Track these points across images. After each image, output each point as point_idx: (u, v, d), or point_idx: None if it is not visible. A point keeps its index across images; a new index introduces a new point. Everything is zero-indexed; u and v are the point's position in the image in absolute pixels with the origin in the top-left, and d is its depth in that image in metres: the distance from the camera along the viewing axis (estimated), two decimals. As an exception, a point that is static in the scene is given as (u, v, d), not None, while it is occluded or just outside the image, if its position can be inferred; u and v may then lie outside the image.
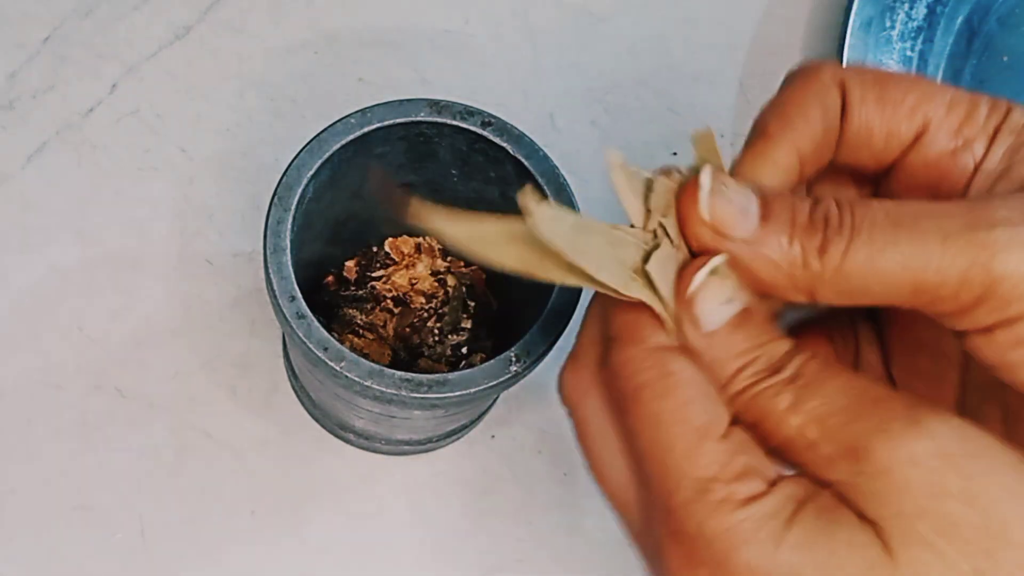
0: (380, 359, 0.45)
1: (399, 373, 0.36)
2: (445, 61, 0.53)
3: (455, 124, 0.39)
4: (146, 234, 0.49)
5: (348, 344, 0.44)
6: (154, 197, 0.50)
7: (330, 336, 0.36)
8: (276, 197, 0.38)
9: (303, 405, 0.47)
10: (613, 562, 0.47)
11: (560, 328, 0.38)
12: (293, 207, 0.38)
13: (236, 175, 0.50)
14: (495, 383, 0.37)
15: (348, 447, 0.47)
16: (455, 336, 0.46)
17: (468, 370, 0.37)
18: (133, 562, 0.45)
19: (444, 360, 0.45)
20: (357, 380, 0.36)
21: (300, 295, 0.37)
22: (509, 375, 0.37)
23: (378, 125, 0.39)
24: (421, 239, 0.47)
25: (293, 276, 0.37)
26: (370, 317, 0.46)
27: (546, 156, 0.39)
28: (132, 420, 0.47)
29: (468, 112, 0.39)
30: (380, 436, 0.46)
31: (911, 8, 0.53)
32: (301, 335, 0.36)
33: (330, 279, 0.46)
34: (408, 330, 0.45)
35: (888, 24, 0.53)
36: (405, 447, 0.47)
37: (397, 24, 0.53)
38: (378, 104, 0.39)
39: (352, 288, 0.46)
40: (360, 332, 0.45)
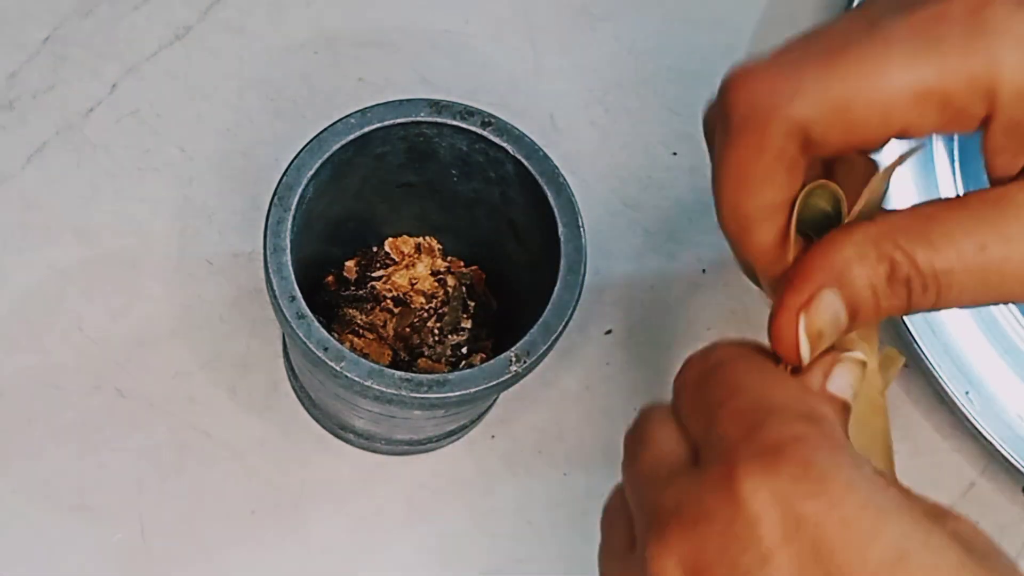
0: (380, 359, 0.44)
1: (399, 373, 0.36)
2: (445, 61, 0.53)
3: (455, 124, 0.39)
4: (146, 234, 0.49)
5: (348, 344, 0.44)
6: (154, 197, 0.49)
7: (330, 336, 0.36)
8: (276, 197, 0.38)
9: (303, 405, 0.47)
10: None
11: (560, 328, 0.38)
12: (293, 207, 0.38)
13: (236, 175, 0.50)
14: (495, 383, 0.37)
15: (348, 447, 0.47)
16: (455, 336, 0.46)
17: (468, 370, 0.37)
18: (133, 562, 0.45)
19: (444, 360, 0.45)
20: (357, 380, 0.36)
21: (300, 295, 0.37)
22: (509, 375, 0.37)
23: (378, 125, 0.39)
24: (421, 239, 0.47)
25: (293, 276, 0.37)
26: (370, 317, 0.46)
27: (546, 156, 0.39)
28: (132, 420, 0.47)
29: (468, 112, 0.39)
30: (380, 436, 0.46)
31: (911, 8, 0.53)
32: (301, 335, 0.36)
33: (330, 279, 0.46)
34: (408, 330, 0.45)
35: (888, 24, 0.53)
36: (405, 447, 0.47)
37: (397, 24, 0.53)
38: (378, 104, 0.39)
39: (352, 288, 0.46)
40: (360, 332, 0.45)
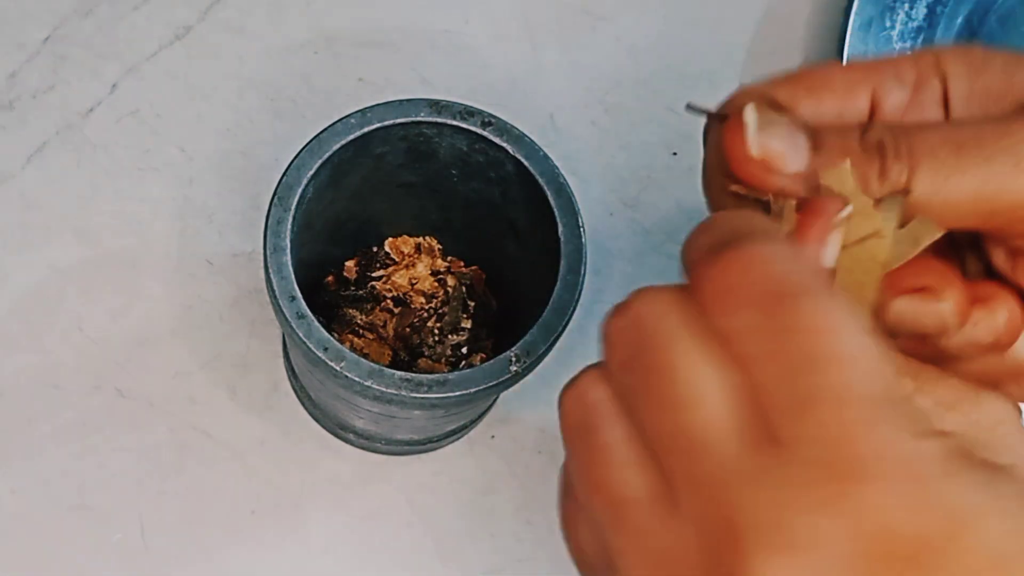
0: (380, 359, 0.45)
1: (399, 373, 0.36)
2: (445, 61, 0.53)
3: (455, 124, 0.39)
4: (146, 234, 0.49)
5: (348, 344, 0.44)
6: (154, 197, 0.49)
7: (330, 336, 0.36)
8: (276, 197, 0.38)
9: (303, 405, 0.47)
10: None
11: (560, 328, 0.38)
12: (293, 207, 0.38)
13: (236, 175, 0.50)
14: (495, 383, 0.37)
15: (348, 447, 0.47)
16: (455, 336, 0.46)
17: (468, 370, 0.37)
18: (133, 562, 0.45)
19: (444, 360, 0.45)
20: (357, 380, 0.36)
21: (300, 295, 0.37)
22: (509, 375, 0.37)
23: (378, 125, 0.39)
24: (421, 239, 0.47)
25: (293, 276, 0.37)
26: (370, 317, 0.46)
27: (546, 156, 0.39)
28: (132, 420, 0.47)
29: (468, 112, 0.39)
30: (380, 436, 0.46)
31: (911, 8, 0.53)
32: (301, 335, 0.36)
33: (330, 279, 0.46)
34: (408, 330, 0.45)
35: (888, 24, 0.53)
36: (405, 447, 0.47)
37: (397, 24, 0.53)
38: (378, 104, 0.39)
39: (352, 288, 0.46)
40: (360, 332, 0.45)
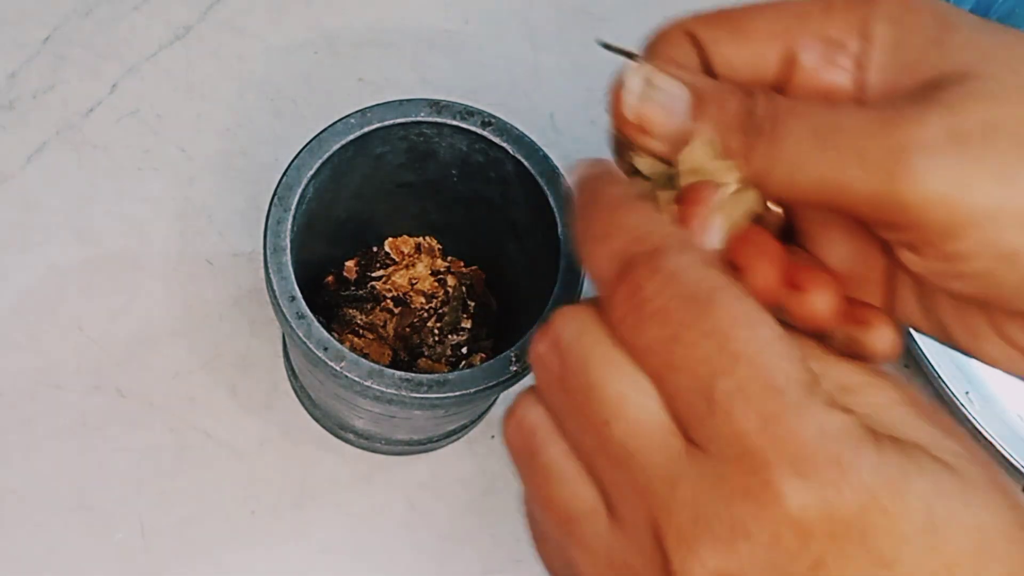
0: (380, 359, 0.45)
1: (399, 373, 0.36)
2: (445, 61, 0.53)
3: (455, 124, 0.39)
4: (146, 234, 0.49)
5: (348, 344, 0.44)
6: (154, 197, 0.50)
7: (330, 336, 0.36)
8: (276, 197, 0.38)
9: (303, 405, 0.47)
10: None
11: (560, 328, 0.38)
12: (293, 207, 0.38)
13: (236, 175, 0.50)
14: (495, 383, 0.37)
15: (348, 447, 0.47)
16: (455, 336, 0.46)
17: (468, 370, 0.37)
18: (133, 562, 0.45)
19: (444, 360, 0.45)
20: (357, 380, 0.36)
21: (300, 295, 0.37)
22: (509, 375, 0.37)
23: (378, 125, 0.39)
24: (421, 239, 0.47)
25: (293, 276, 0.37)
26: (370, 317, 0.46)
27: (546, 156, 0.39)
28: (132, 420, 0.47)
29: (468, 112, 0.39)
30: (380, 436, 0.46)
31: (911, 8, 0.53)
32: (301, 335, 0.36)
33: (330, 279, 0.46)
34: (408, 330, 0.45)
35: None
36: (405, 447, 0.47)
37: (397, 24, 0.53)
38: (378, 104, 0.39)
39: (352, 288, 0.46)
40: (360, 332, 0.45)
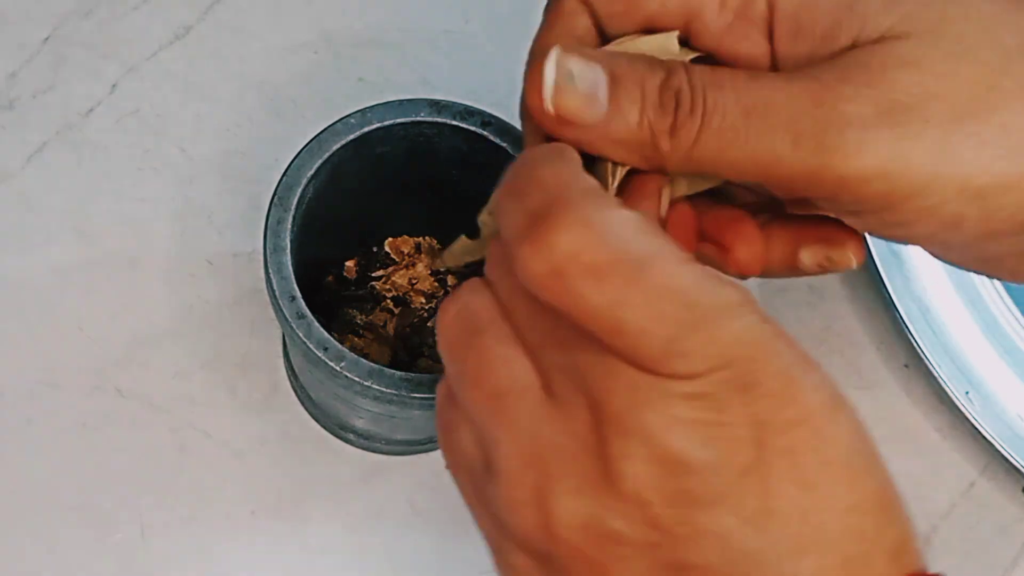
0: (380, 359, 0.44)
1: (399, 373, 0.36)
2: (445, 61, 0.53)
3: (455, 124, 0.39)
4: (146, 234, 0.49)
5: (348, 344, 0.44)
6: (154, 197, 0.49)
7: (330, 336, 0.36)
8: (276, 197, 0.38)
9: (303, 405, 0.47)
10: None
11: (560, 328, 0.38)
12: (293, 207, 0.38)
13: (236, 175, 0.50)
14: (495, 383, 0.37)
15: (348, 447, 0.47)
16: (455, 336, 0.46)
17: (468, 370, 0.37)
18: (133, 562, 0.45)
19: (444, 360, 0.45)
20: (357, 380, 0.36)
21: (300, 295, 0.37)
22: (509, 375, 0.37)
23: (378, 125, 0.39)
24: (421, 239, 0.47)
25: (293, 276, 0.37)
26: (370, 317, 0.45)
27: (546, 156, 0.39)
28: (132, 420, 0.47)
29: (468, 112, 0.39)
30: (380, 436, 0.46)
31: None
32: (301, 335, 0.36)
33: (330, 279, 0.46)
34: (408, 330, 0.45)
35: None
36: (405, 447, 0.47)
37: (397, 24, 0.53)
38: (378, 104, 0.39)
39: (352, 288, 0.46)
40: (360, 332, 0.45)
